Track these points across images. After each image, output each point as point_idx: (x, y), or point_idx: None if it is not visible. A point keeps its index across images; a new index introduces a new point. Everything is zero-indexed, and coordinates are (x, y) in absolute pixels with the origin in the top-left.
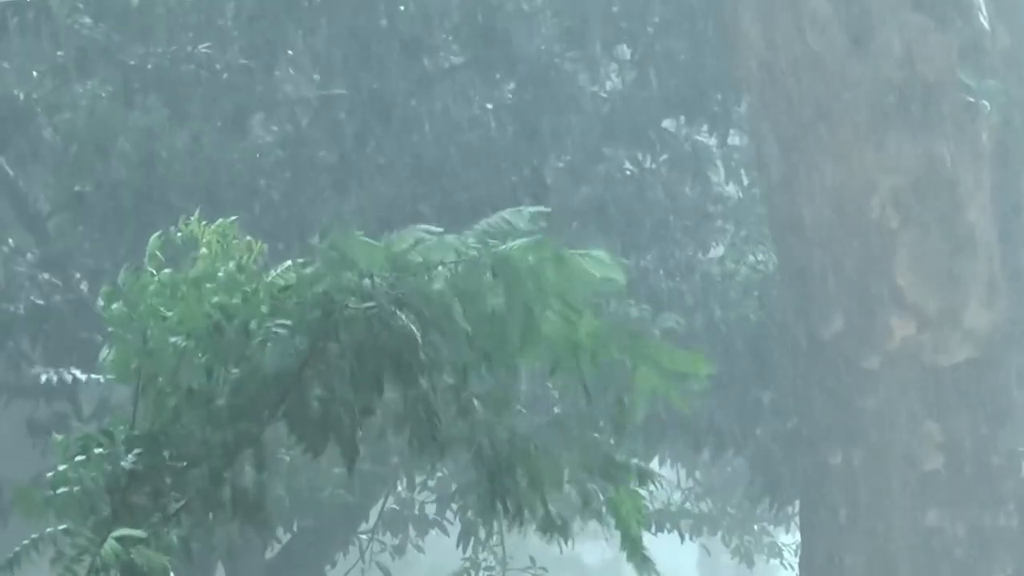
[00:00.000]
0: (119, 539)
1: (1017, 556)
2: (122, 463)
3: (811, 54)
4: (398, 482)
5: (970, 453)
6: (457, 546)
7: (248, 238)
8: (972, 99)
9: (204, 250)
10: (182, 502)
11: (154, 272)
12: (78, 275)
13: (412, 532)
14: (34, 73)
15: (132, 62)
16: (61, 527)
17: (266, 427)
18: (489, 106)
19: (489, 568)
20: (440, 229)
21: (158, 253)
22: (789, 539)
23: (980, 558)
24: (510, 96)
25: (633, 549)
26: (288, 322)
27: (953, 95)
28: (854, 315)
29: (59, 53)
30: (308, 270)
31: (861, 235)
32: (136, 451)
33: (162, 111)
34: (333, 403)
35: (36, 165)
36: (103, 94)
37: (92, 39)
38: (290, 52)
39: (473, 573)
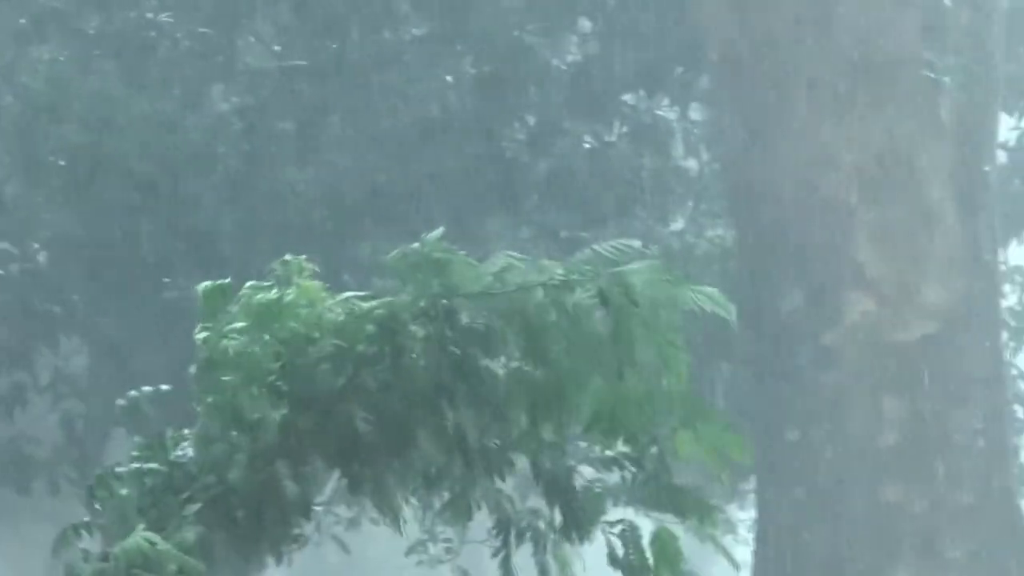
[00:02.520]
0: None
1: (975, 533)
2: (161, 467)
3: (773, 29)
4: None
5: (928, 430)
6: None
7: (327, 291)
8: (933, 76)
9: (295, 289)
10: (198, 505)
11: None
12: (36, 245)
13: (368, 504)
14: None
15: (91, 29)
16: (99, 520)
17: (305, 449)
18: (450, 78)
19: (447, 541)
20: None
21: (252, 292)
22: (744, 515)
23: (938, 535)
24: (471, 68)
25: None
26: (339, 344)
27: (914, 72)
28: (813, 291)
29: (21, 21)
30: (368, 304)
31: (821, 211)
32: (180, 455)
33: (118, 77)
34: (373, 432)
35: None
36: (61, 58)
37: (50, 6)
38: (250, 21)
39: (431, 546)
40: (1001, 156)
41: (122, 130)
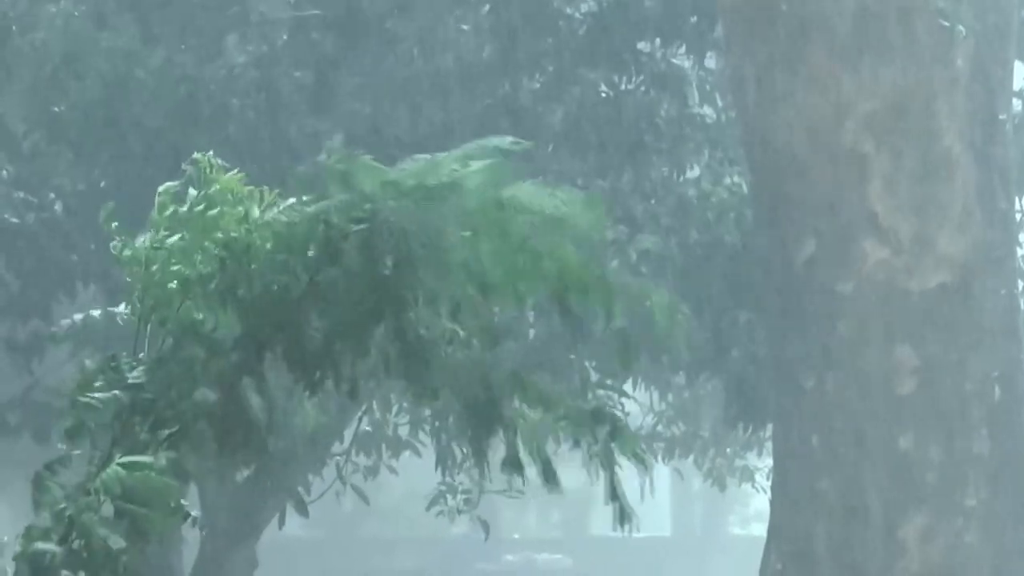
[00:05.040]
0: (122, 464)
1: (988, 481)
2: (122, 390)
3: None
4: (372, 403)
5: (943, 378)
6: (436, 469)
7: (265, 188)
8: (948, 23)
9: (216, 187)
10: (175, 428)
11: (162, 209)
12: (52, 195)
13: (385, 453)
14: None
15: None
16: (75, 451)
17: (265, 359)
18: (465, 27)
19: (466, 491)
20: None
21: (167, 197)
22: (761, 463)
23: (952, 483)
24: (486, 17)
25: (613, 493)
26: (285, 254)
27: (929, 19)
28: (828, 239)
29: None
30: (308, 202)
31: (835, 159)
32: (136, 376)
33: (134, 31)
34: (330, 337)
35: (11, 84)
36: (76, 13)
37: None
38: None
39: (450, 496)
40: (1016, 105)
41: (138, 83)
